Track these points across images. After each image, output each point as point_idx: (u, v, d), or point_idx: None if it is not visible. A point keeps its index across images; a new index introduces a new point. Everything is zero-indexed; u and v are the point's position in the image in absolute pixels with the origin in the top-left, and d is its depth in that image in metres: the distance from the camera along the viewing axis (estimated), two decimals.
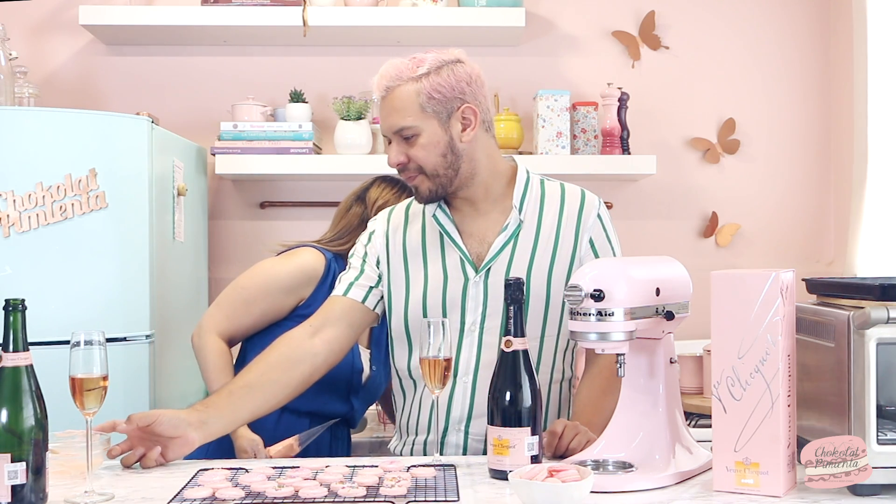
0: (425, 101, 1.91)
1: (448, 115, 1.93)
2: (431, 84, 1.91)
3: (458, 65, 1.95)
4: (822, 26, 3.54)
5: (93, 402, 1.58)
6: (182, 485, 1.62)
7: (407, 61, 1.94)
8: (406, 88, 1.92)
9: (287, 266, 2.24)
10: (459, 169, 1.96)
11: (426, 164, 1.94)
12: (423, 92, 1.91)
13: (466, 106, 1.94)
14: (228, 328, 2.23)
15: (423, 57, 1.94)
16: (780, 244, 3.54)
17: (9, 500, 1.45)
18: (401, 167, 1.97)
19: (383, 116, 1.96)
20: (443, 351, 1.75)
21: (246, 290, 2.23)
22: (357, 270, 2.07)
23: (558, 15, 3.51)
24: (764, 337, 1.55)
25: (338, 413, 2.31)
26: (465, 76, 1.94)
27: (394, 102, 1.93)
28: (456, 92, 1.93)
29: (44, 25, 3.45)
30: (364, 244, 2.09)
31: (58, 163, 2.58)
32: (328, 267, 2.22)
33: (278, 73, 3.46)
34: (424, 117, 1.92)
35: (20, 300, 1.52)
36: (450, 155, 1.95)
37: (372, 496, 1.54)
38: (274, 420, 2.17)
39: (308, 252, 2.26)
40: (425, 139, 1.93)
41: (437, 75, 1.92)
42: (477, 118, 1.95)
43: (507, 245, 1.99)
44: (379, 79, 1.95)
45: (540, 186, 2.06)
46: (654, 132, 3.51)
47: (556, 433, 1.83)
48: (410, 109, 1.92)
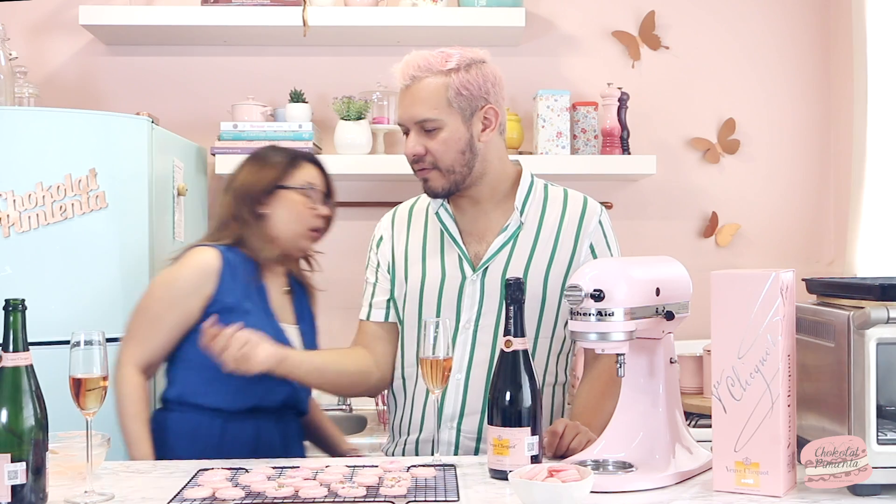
0: (453, 96, 1.92)
1: (472, 113, 1.95)
2: (461, 80, 1.92)
3: (484, 64, 1.97)
4: (822, 26, 3.53)
5: (93, 402, 1.58)
6: (182, 485, 1.62)
7: (436, 53, 1.94)
8: (434, 80, 1.92)
9: (182, 270, 2.15)
10: (473, 168, 1.97)
11: (443, 159, 1.95)
12: (452, 87, 1.92)
13: (489, 106, 1.96)
14: (144, 355, 2.13)
15: (452, 52, 1.94)
16: (780, 244, 3.54)
17: (9, 500, 1.45)
18: (417, 158, 1.96)
19: (406, 105, 1.95)
20: (443, 351, 1.75)
21: (150, 309, 2.15)
22: (371, 287, 2.12)
23: (558, 15, 3.51)
24: (764, 337, 1.55)
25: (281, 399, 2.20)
26: (490, 77, 1.96)
27: (420, 93, 1.93)
28: (482, 91, 1.95)
29: (44, 25, 3.45)
30: (375, 252, 2.13)
31: (58, 163, 2.58)
32: (223, 258, 2.16)
33: (278, 73, 3.46)
34: (450, 112, 1.93)
35: (20, 300, 1.52)
36: (468, 153, 1.96)
37: (372, 496, 1.54)
38: (219, 429, 2.11)
39: (198, 250, 2.19)
40: (447, 134, 1.93)
41: (467, 72, 1.93)
42: (497, 119, 1.98)
43: (506, 246, 2.00)
44: (405, 67, 1.94)
45: (543, 190, 2.07)
46: (653, 132, 3.51)
47: (556, 433, 1.83)
48: (437, 102, 1.92)
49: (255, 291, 2.18)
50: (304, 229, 2.22)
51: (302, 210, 2.21)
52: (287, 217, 2.21)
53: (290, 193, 2.21)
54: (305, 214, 2.22)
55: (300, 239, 2.23)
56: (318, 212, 2.23)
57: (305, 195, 2.21)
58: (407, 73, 1.94)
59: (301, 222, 2.22)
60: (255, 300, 2.17)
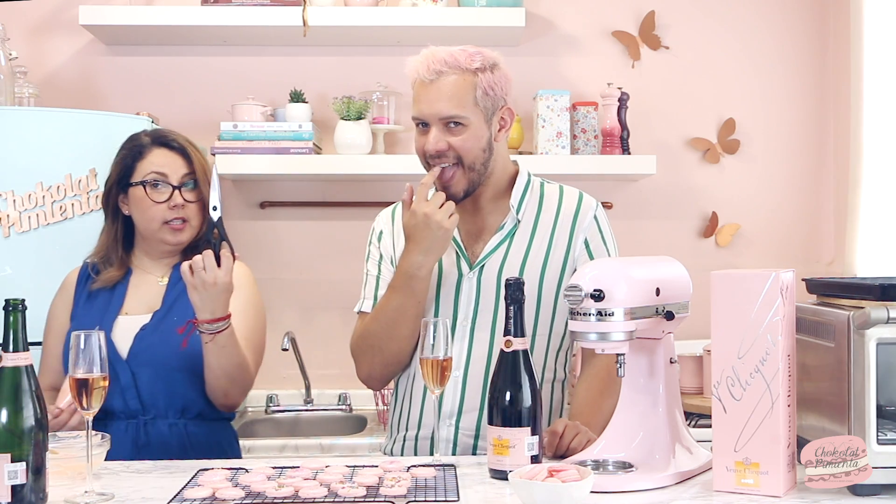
0: (481, 96, 1.93)
1: (493, 113, 1.96)
2: (488, 80, 1.93)
3: (502, 66, 1.98)
4: (821, 26, 3.53)
5: (93, 402, 1.58)
6: (182, 485, 1.62)
7: (459, 51, 1.93)
8: (462, 78, 1.92)
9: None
10: (489, 167, 1.98)
11: (468, 156, 1.94)
12: (481, 86, 1.93)
13: (507, 107, 1.98)
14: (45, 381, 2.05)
15: (473, 51, 1.94)
16: (780, 244, 3.54)
17: (9, 500, 1.45)
18: (439, 153, 1.94)
19: (430, 100, 1.92)
20: (443, 351, 1.75)
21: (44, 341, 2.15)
22: (374, 279, 2.10)
23: (558, 15, 3.51)
24: (764, 337, 1.55)
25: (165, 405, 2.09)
26: (508, 78, 1.99)
27: (446, 89, 1.91)
28: (503, 92, 1.97)
29: (44, 25, 3.45)
30: (376, 245, 2.12)
31: (58, 163, 2.59)
32: (81, 272, 2.18)
33: (278, 73, 3.46)
34: (475, 111, 1.93)
35: (20, 300, 1.52)
36: (487, 151, 1.97)
37: (372, 496, 1.54)
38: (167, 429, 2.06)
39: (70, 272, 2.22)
40: (470, 132, 1.94)
41: (493, 73, 1.94)
42: (511, 121, 1.99)
43: (503, 244, 2.01)
44: (429, 61, 1.92)
45: (540, 188, 2.08)
46: (653, 132, 3.51)
47: (556, 433, 1.83)
48: (465, 100, 1.92)
49: (105, 293, 2.14)
50: (158, 225, 2.10)
51: (147, 206, 2.10)
52: (138, 214, 2.12)
53: (135, 190, 2.11)
54: (152, 210, 2.09)
55: (159, 234, 2.12)
56: (166, 204, 2.09)
57: (149, 188, 2.09)
58: (432, 67, 1.91)
59: (153, 217, 2.10)
60: (101, 301, 2.12)
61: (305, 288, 3.46)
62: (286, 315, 3.43)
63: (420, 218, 1.89)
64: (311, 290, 3.46)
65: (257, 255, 3.45)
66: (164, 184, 2.11)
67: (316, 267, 3.46)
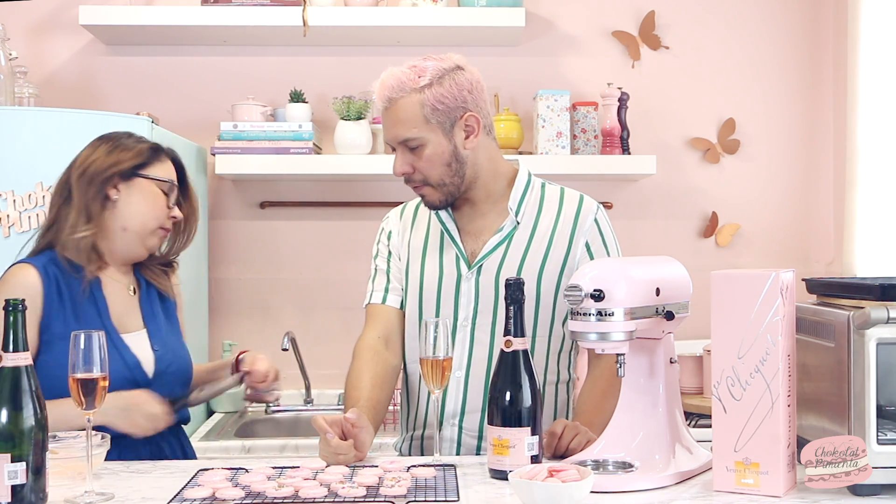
0: (429, 113, 1.92)
1: (451, 124, 1.94)
2: (434, 95, 1.91)
3: (458, 72, 1.95)
4: (821, 27, 3.53)
5: (93, 402, 1.58)
6: (182, 485, 1.63)
7: (407, 70, 1.93)
8: (409, 100, 1.91)
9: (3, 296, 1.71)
10: (465, 175, 1.98)
11: (431, 175, 1.96)
12: (427, 103, 1.91)
13: (469, 114, 1.95)
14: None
15: (424, 66, 1.93)
16: (780, 244, 3.54)
17: (9, 500, 1.45)
18: (405, 176, 1.99)
19: (387, 126, 1.97)
20: (443, 351, 1.75)
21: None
22: (384, 274, 2.10)
23: (558, 15, 3.51)
24: (764, 337, 1.55)
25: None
26: (466, 84, 1.95)
27: (397, 114, 1.93)
28: (458, 101, 1.94)
29: (44, 25, 3.45)
30: (385, 244, 2.13)
31: (58, 163, 2.56)
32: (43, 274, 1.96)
33: (278, 73, 3.46)
34: (429, 128, 1.93)
35: (20, 300, 1.52)
36: (454, 163, 1.96)
37: (372, 496, 1.54)
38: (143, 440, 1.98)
39: (14, 270, 1.98)
40: (430, 150, 1.94)
41: (440, 85, 1.92)
42: (479, 125, 1.97)
43: (501, 245, 2.01)
44: (381, 89, 1.94)
45: (540, 189, 2.08)
46: (653, 132, 3.51)
47: (555, 433, 1.83)
48: (415, 121, 1.92)
49: (89, 305, 1.99)
50: (156, 226, 2.05)
51: (160, 205, 2.05)
52: (142, 208, 2.03)
53: (150, 184, 2.04)
54: (162, 210, 2.05)
55: (150, 235, 2.05)
56: (172, 212, 2.07)
57: (165, 191, 2.06)
58: (383, 94, 1.94)
59: (156, 217, 2.04)
60: (90, 316, 1.97)
61: (305, 288, 3.46)
62: (286, 315, 3.43)
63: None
64: (310, 289, 3.46)
65: (257, 255, 3.45)
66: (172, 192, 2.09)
67: (316, 267, 3.46)
